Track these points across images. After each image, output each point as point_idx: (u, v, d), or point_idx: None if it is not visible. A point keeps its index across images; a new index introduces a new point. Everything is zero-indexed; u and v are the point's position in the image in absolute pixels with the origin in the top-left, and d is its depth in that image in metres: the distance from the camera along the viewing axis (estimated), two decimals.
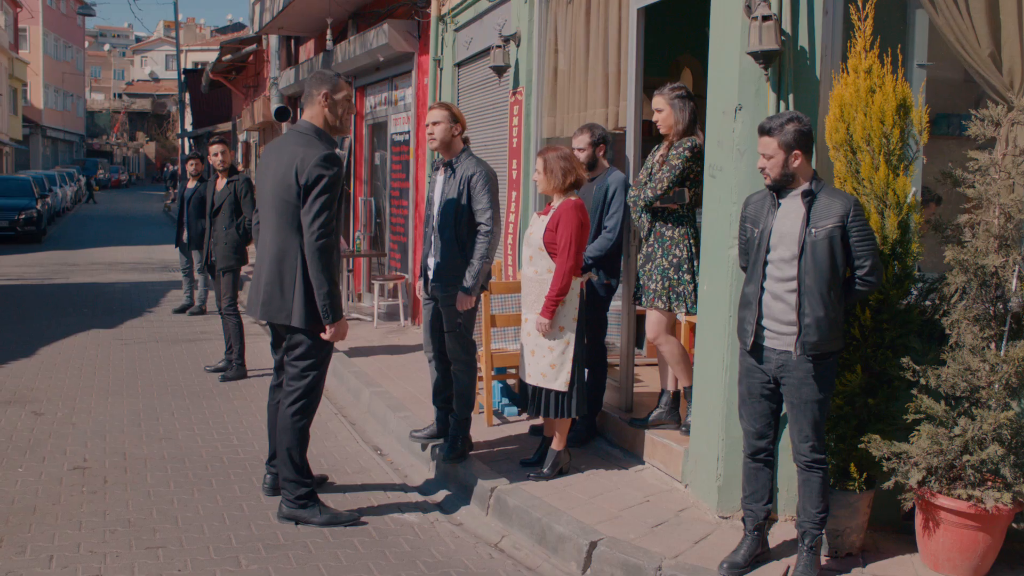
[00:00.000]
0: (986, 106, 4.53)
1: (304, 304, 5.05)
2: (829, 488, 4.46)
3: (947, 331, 4.49)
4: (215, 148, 9.05)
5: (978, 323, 4.43)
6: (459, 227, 5.68)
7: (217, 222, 8.76)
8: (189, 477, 5.94)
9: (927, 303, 4.70)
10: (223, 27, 43.10)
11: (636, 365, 7.00)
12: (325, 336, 5.10)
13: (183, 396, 8.08)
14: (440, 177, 5.89)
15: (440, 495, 5.82)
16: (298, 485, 5.21)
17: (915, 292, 4.70)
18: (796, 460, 4.43)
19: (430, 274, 5.92)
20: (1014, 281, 4.42)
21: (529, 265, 5.55)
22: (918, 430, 4.41)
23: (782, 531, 4.92)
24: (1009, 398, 4.31)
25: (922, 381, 4.45)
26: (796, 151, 4.23)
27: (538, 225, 5.53)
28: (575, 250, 5.37)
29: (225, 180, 8.89)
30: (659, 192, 5.62)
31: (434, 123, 5.75)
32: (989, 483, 4.34)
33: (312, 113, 5.20)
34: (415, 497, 5.79)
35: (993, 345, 4.42)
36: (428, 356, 6.24)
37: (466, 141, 5.91)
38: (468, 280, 5.63)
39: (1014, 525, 4.59)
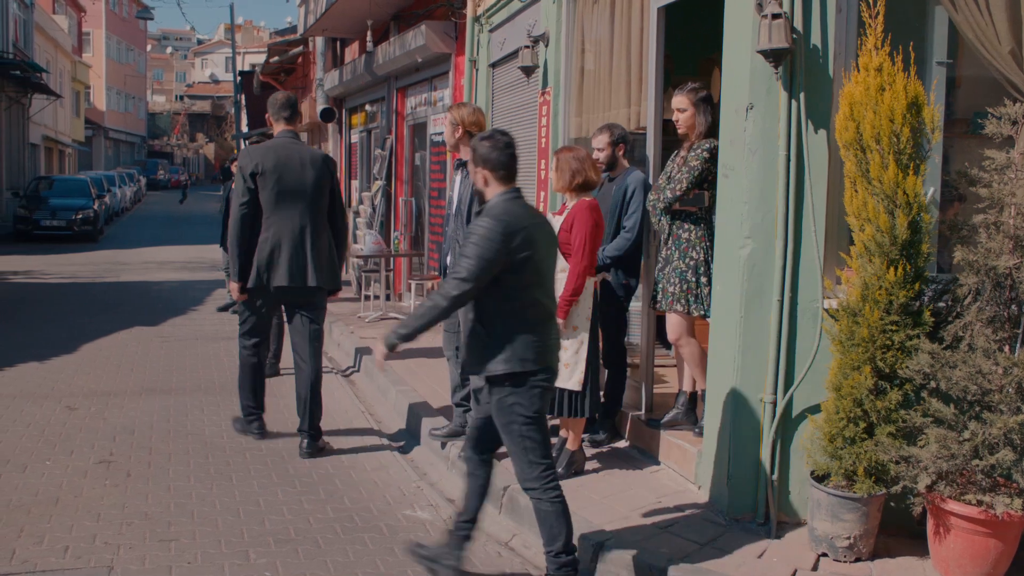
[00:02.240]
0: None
1: (336, 270, 6.65)
2: (558, 522, 4.23)
3: (959, 333, 4.41)
4: None
5: (991, 325, 4.35)
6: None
7: None
8: (210, 472, 6.04)
9: (941, 304, 4.62)
10: (281, 29, 43.62)
11: (662, 366, 6.98)
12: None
13: (215, 392, 8.21)
14: (458, 177, 5.94)
15: (454, 493, 5.83)
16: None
17: (928, 293, 4.62)
18: None
19: (448, 273, 5.97)
20: None
21: None
22: (926, 433, 4.34)
23: (794, 533, 4.87)
24: (1021, 402, 4.22)
25: (932, 384, 4.38)
26: (477, 168, 4.32)
27: (552, 225, 5.53)
28: (589, 250, 5.36)
29: None
30: (678, 193, 5.60)
31: (444, 127, 5.86)
32: (1002, 488, 4.26)
33: (294, 125, 6.65)
34: (430, 494, 5.82)
35: (1007, 348, 4.33)
36: (447, 355, 6.28)
37: None
38: None
39: None
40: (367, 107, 16.38)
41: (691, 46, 8.11)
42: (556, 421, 6.17)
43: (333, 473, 6.11)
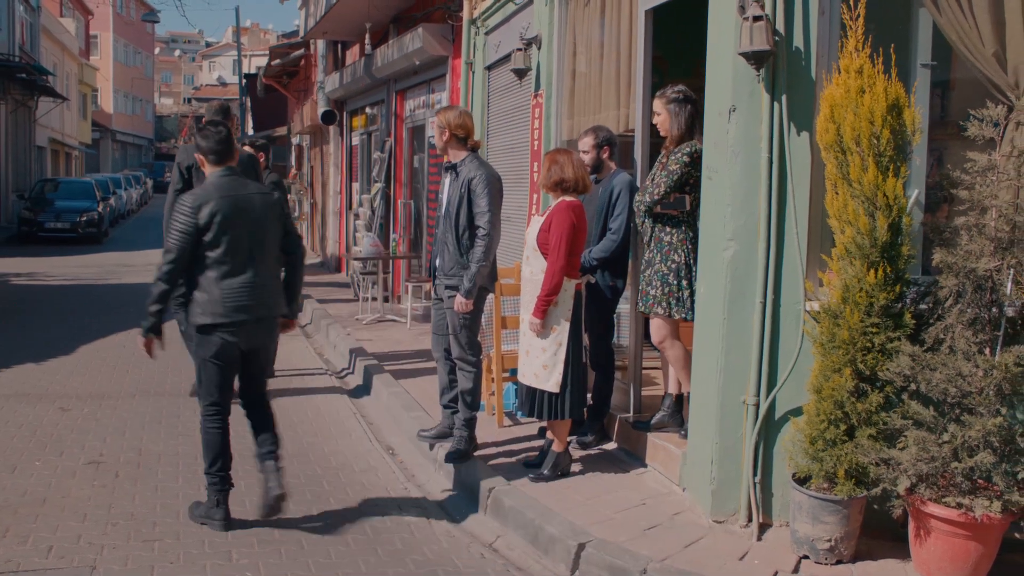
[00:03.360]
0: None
1: None
2: (213, 448, 5.14)
3: (941, 335, 4.40)
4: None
5: (972, 328, 4.34)
6: (459, 229, 5.74)
7: None
8: (198, 473, 5.98)
9: (923, 306, 4.62)
10: (289, 32, 43.76)
11: (651, 368, 6.98)
12: None
13: None
14: (447, 180, 5.96)
15: (442, 494, 5.86)
16: None
17: (910, 296, 4.62)
18: None
19: (437, 275, 6.00)
20: (1009, 285, 4.32)
21: (526, 265, 5.58)
22: (906, 436, 4.33)
23: (777, 535, 4.87)
24: (1000, 405, 4.21)
25: (912, 386, 4.38)
26: (197, 154, 5.21)
27: (534, 226, 5.55)
28: (565, 250, 5.35)
29: None
30: (656, 197, 5.62)
31: (433, 131, 5.93)
32: (981, 490, 4.25)
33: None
34: (417, 496, 5.83)
35: (988, 350, 4.32)
36: (436, 357, 6.30)
37: (475, 145, 5.96)
38: (465, 283, 5.68)
39: (1016, 535, 4.50)
40: (367, 110, 16.41)
41: (687, 48, 8.09)
42: (543, 423, 6.20)
43: (320, 474, 6.12)
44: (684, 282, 5.61)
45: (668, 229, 5.68)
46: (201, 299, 5.00)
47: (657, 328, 5.74)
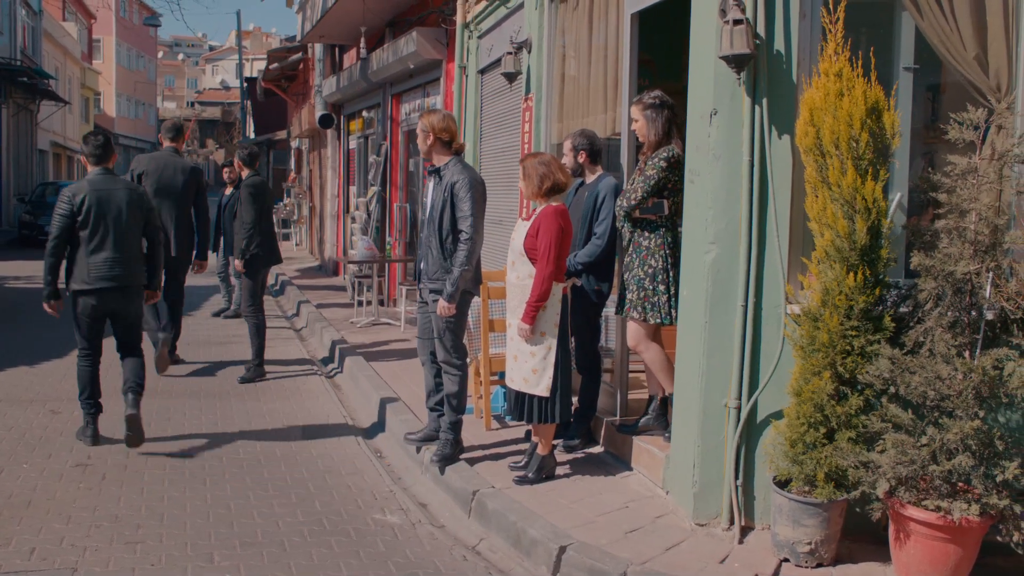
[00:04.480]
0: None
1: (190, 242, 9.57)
2: (91, 384, 6.69)
3: (920, 338, 4.41)
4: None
5: (951, 331, 4.34)
6: (443, 233, 5.75)
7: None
8: (184, 475, 6.07)
9: (904, 309, 4.62)
10: (292, 36, 43.86)
11: (638, 371, 6.97)
12: None
13: (200, 397, 8.24)
14: (431, 184, 5.98)
15: (427, 497, 5.87)
16: None
17: (891, 299, 4.62)
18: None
19: (422, 279, 6.03)
20: (988, 288, 4.32)
21: (512, 270, 5.59)
22: (885, 439, 4.33)
23: (758, 538, 4.88)
24: (979, 408, 4.21)
25: (892, 389, 4.38)
26: (81, 156, 6.56)
27: (520, 230, 5.56)
28: (554, 255, 5.37)
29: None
30: (633, 203, 5.63)
31: (417, 135, 5.94)
32: (961, 494, 4.25)
33: (177, 143, 9.39)
34: (403, 498, 5.84)
35: (967, 353, 4.32)
36: (422, 360, 6.31)
37: (459, 149, 5.97)
38: (447, 287, 5.69)
39: (997, 538, 4.49)
40: (364, 113, 16.42)
41: (677, 50, 8.09)
42: (530, 426, 6.20)
43: (307, 477, 6.13)
44: (661, 287, 5.62)
45: (646, 234, 5.69)
46: (75, 271, 6.40)
47: (632, 332, 5.75)
